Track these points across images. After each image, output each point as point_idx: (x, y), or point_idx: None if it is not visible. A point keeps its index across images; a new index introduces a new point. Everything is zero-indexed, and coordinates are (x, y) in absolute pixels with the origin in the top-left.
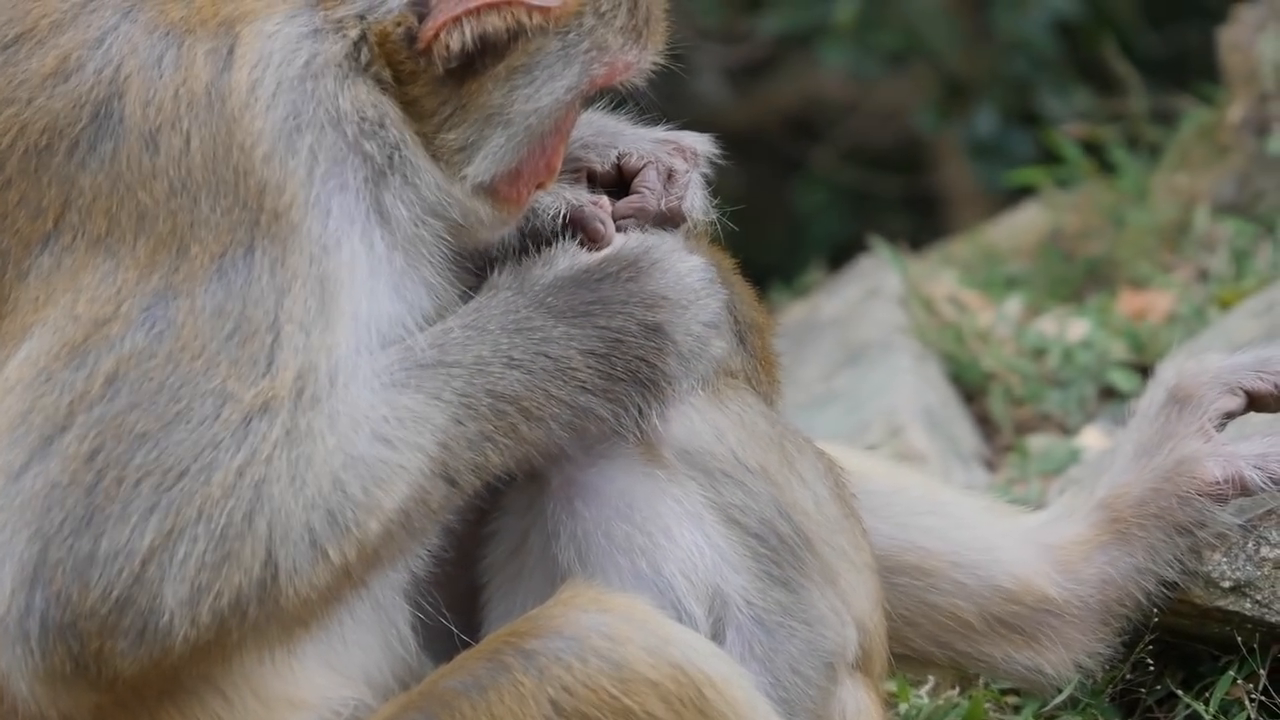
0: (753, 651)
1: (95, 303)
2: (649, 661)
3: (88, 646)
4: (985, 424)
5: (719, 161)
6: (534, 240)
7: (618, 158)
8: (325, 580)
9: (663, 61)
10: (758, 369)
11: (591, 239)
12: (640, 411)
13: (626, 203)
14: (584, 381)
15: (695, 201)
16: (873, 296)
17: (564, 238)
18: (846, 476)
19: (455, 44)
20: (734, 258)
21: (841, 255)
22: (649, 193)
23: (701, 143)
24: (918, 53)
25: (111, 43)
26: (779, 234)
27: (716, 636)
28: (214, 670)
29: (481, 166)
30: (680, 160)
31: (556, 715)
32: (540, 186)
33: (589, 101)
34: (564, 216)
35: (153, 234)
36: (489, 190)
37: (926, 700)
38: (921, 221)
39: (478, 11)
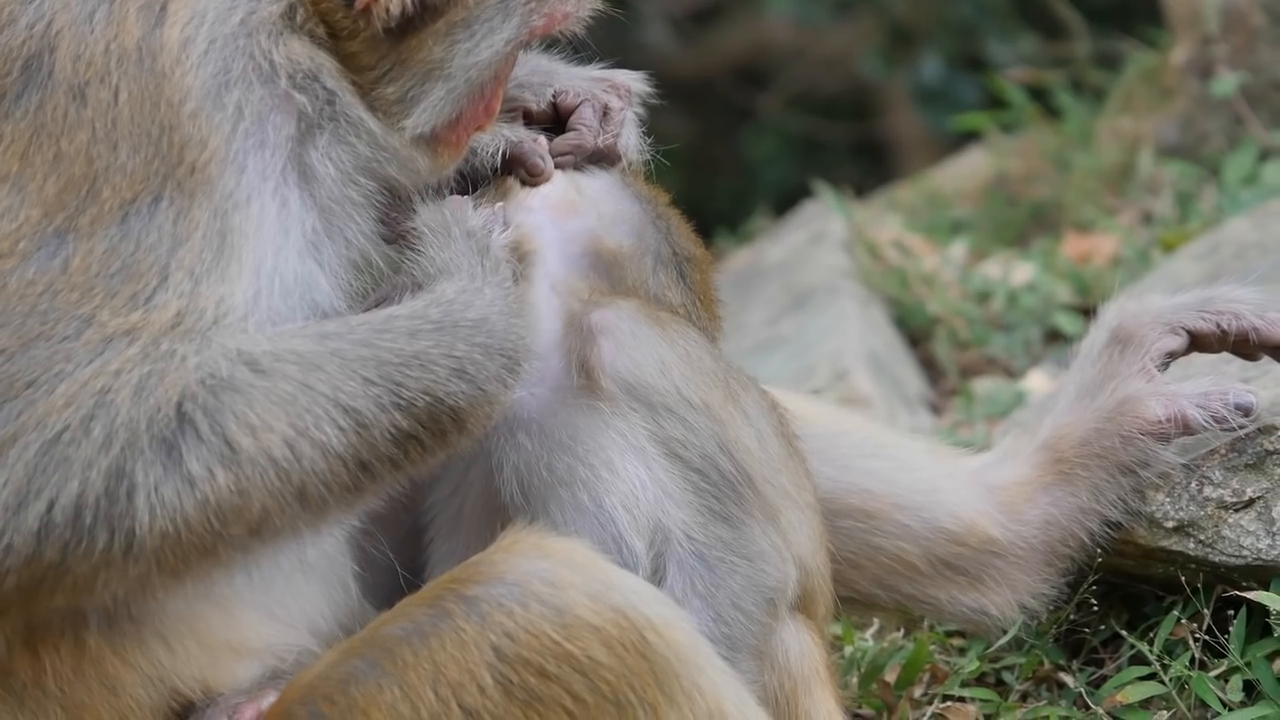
0: (694, 587)
1: None
2: (591, 607)
3: None
4: (930, 368)
5: (662, 104)
6: (472, 178)
7: (554, 95)
8: (192, 511)
9: (605, 9)
10: (697, 304)
11: (531, 175)
12: None
13: (564, 140)
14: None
15: (630, 139)
16: (818, 242)
17: (502, 174)
18: (790, 417)
19: (395, 7)
20: (684, 206)
21: (790, 202)
22: (585, 130)
23: (636, 80)
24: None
25: None
26: (729, 182)
27: (657, 572)
28: (76, 601)
29: (421, 119)
30: (615, 98)
31: (499, 661)
32: (479, 129)
33: (529, 49)
34: (503, 154)
35: (65, 175)
36: (428, 140)
37: (871, 643)
38: (870, 168)
39: None
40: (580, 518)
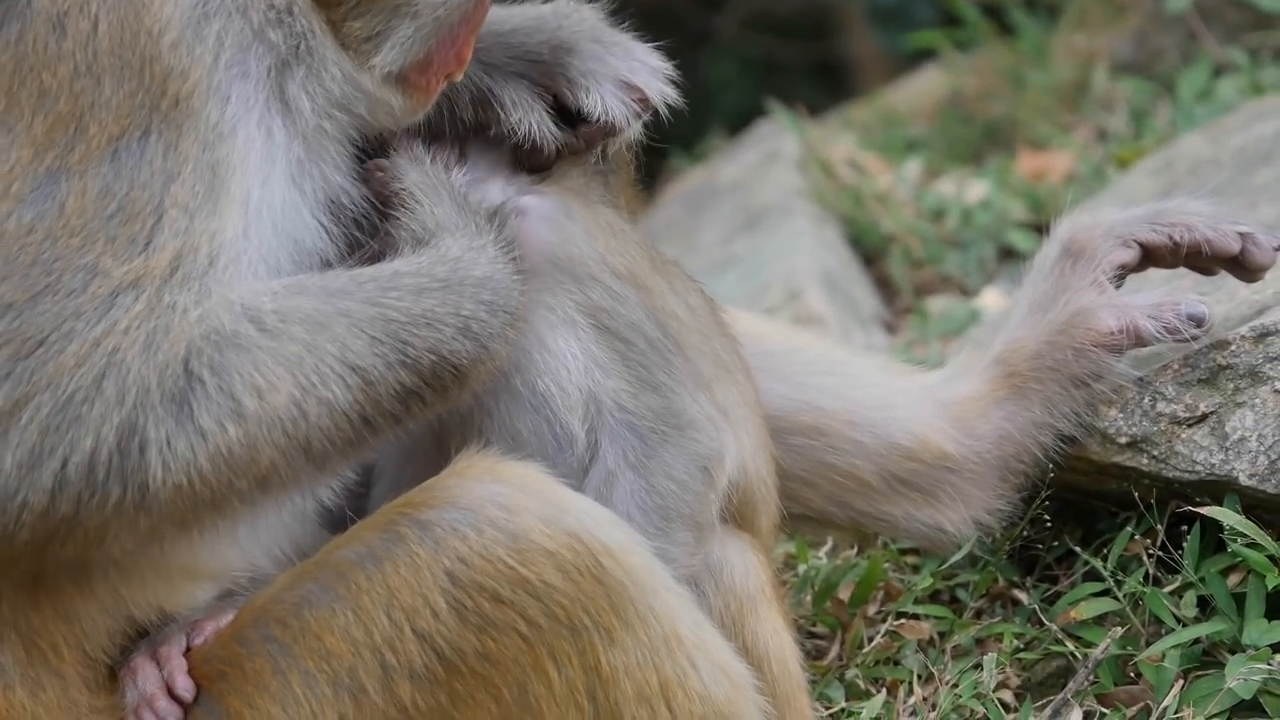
0: (626, 458)
1: None
2: (545, 531)
3: None
4: (885, 286)
5: (622, 30)
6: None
7: (567, 85)
8: (205, 464)
9: None
10: (619, 203)
11: (531, 163)
12: None
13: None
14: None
15: (626, 140)
16: (771, 161)
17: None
18: (728, 318)
19: None
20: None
21: (749, 124)
22: (588, 152)
23: (660, 83)
24: None
25: None
26: (689, 104)
27: (591, 448)
28: (88, 554)
29: (390, 56)
30: (627, 113)
31: (453, 586)
32: (450, 77)
33: None
34: (528, 136)
35: (52, 113)
36: (399, 80)
37: (825, 561)
38: (828, 88)
39: None
40: (517, 406)
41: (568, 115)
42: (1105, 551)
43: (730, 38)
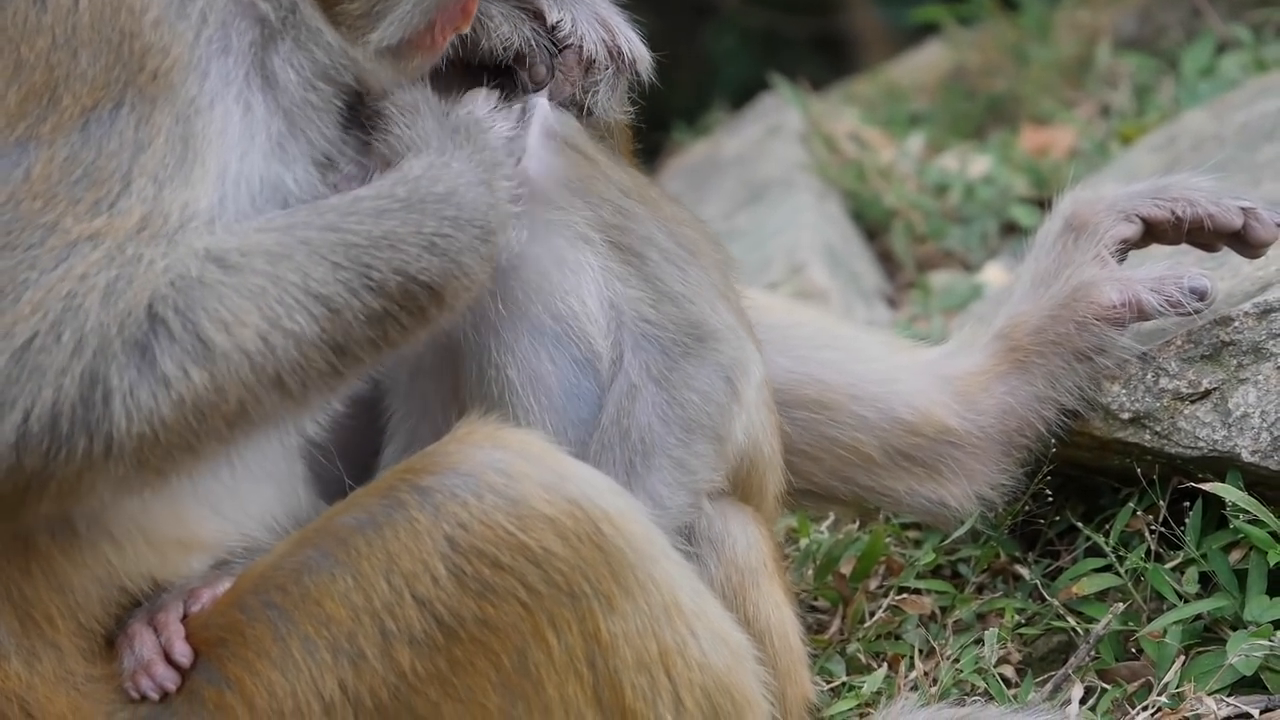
0: (649, 372)
1: None
2: (545, 498)
3: None
4: (887, 261)
5: (625, 3)
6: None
7: (557, 21)
8: (168, 411)
9: None
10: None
11: (534, 79)
12: None
13: (565, 71)
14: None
15: (603, 100)
16: (774, 135)
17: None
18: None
19: None
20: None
21: (751, 98)
22: (564, 75)
23: (639, 51)
24: None
25: None
26: (691, 78)
27: (615, 363)
28: (66, 506)
29: (387, 32)
30: (607, 55)
31: (453, 552)
32: (457, 30)
33: None
34: (516, 51)
35: (26, 84)
36: (395, 49)
37: (827, 535)
38: (831, 63)
39: None
40: (539, 338)
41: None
42: (1107, 527)
43: (732, 10)
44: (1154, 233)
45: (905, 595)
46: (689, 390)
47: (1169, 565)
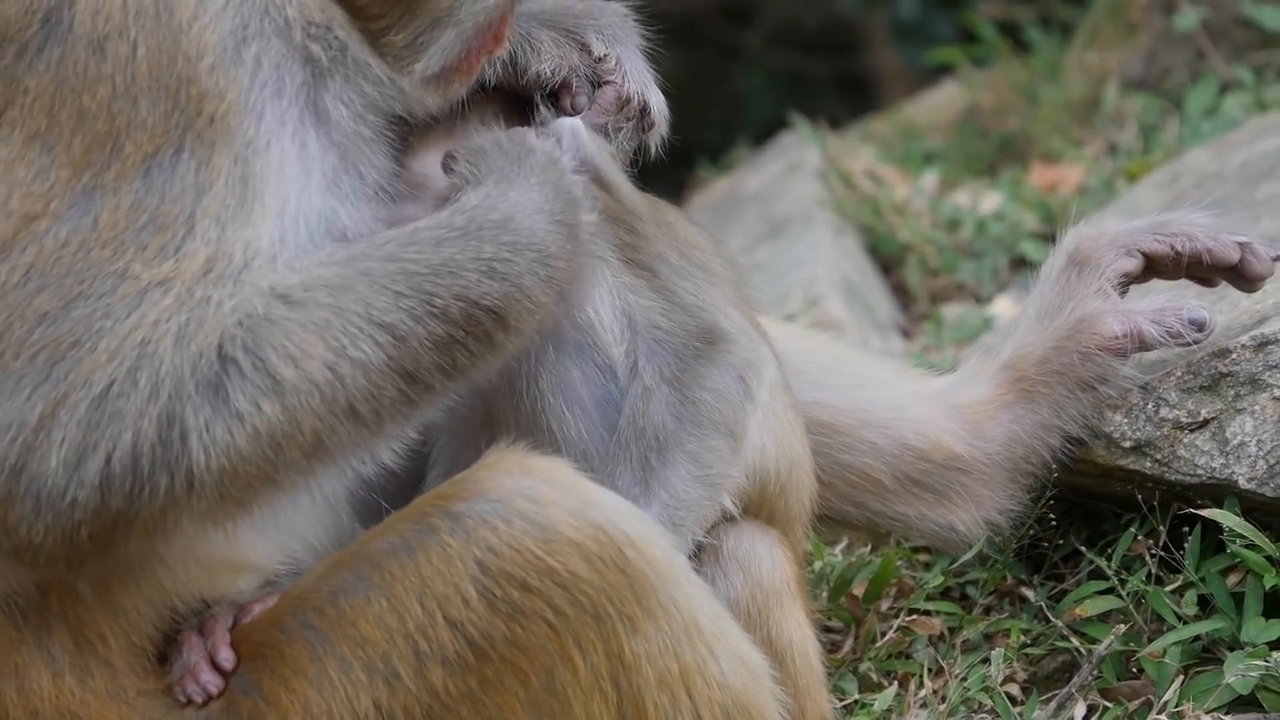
0: (662, 374)
1: (28, 199)
2: (572, 523)
3: None
4: (901, 293)
5: (656, 45)
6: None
7: (599, 58)
8: (244, 445)
9: None
10: None
11: (574, 106)
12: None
13: (602, 103)
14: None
15: (624, 143)
16: (794, 172)
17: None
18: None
19: None
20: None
21: (774, 135)
22: (600, 108)
23: (661, 111)
24: None
25: None
26: (719, 116)
27: (631, 370)
28: (154, 546)
29: (432, 61)
30: (638, 104)
31: (483, 575)
32: (490, 54)
33: None
34: (562, 78)
35: (90, 133)
36: (438, 76)
37: (840, 558)
38: (853, 101)
39: None
40: (564, 350)
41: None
42: (1109, 551)
43: (759, 52)
44: (1154, 267)
45: (915, 616)
46: (701, 390)
47: (1169, 588)
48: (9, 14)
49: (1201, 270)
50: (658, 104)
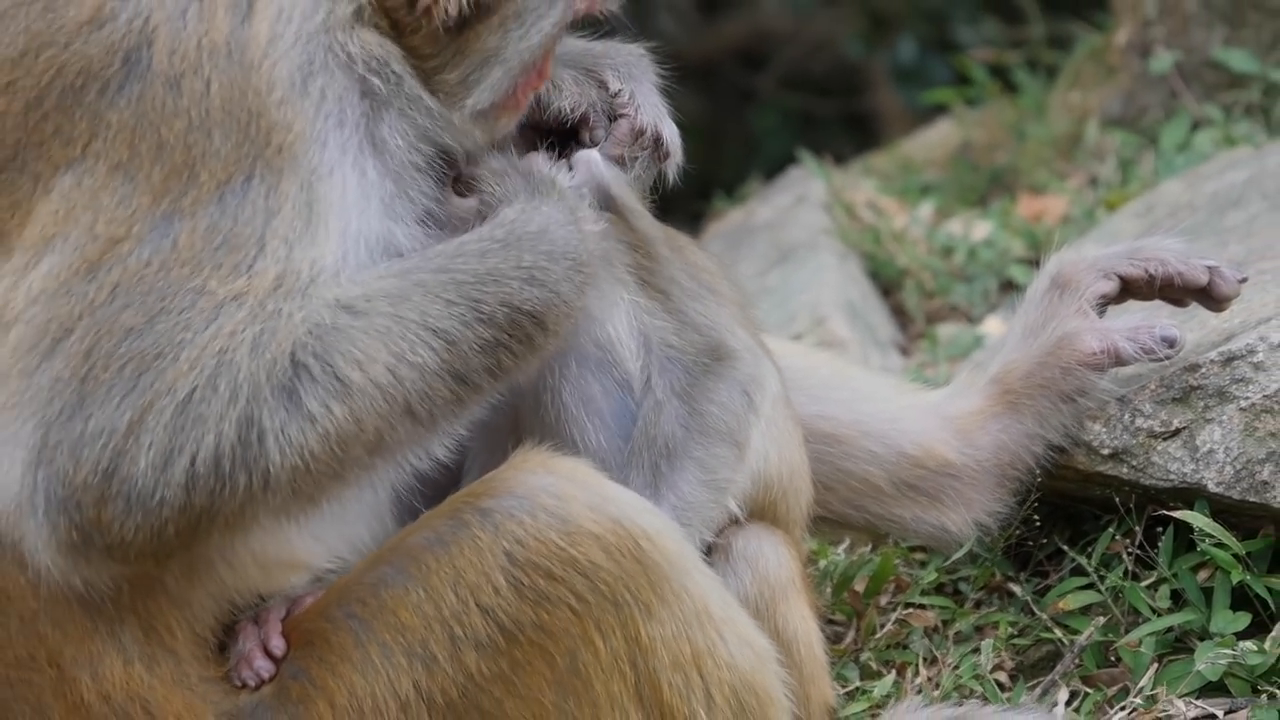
0: (673, 388)
1: (113, 223)
2: (591, 517)
3: (86, 515)
4: (900, 314)
5: (676, 87)
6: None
7: (616, 94)
8: (315, 445)
9: None
10: None
11: (593, 140)
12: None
13: (617, 135)
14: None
15: (639, 174)
16: (801, 203)
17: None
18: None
19: (453, 8)
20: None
21: (786, 169)
22: (617, 142)
23: (674, 141)
24: None
25: None
26: (736, 152)
27: (645, 385)
28: (233, 541)
29: (481, 97)
30: (652, 136)
31: (511, 565)
32: (534, 89)
33: (573, 27)
34: (581, 113)
35: (169, 163)
36: (486, 111)
37: (843, 557)
38: (858, 138)
39: None
40: (585, 365)
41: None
42: (1089, 550)
43: (773, 94)
44: (1130, 289)
45: (912, 610)
46: (709, 402)
47: (1144, 583)
48: (92, 54)
49: (1173, 292)
50: (671, 135)
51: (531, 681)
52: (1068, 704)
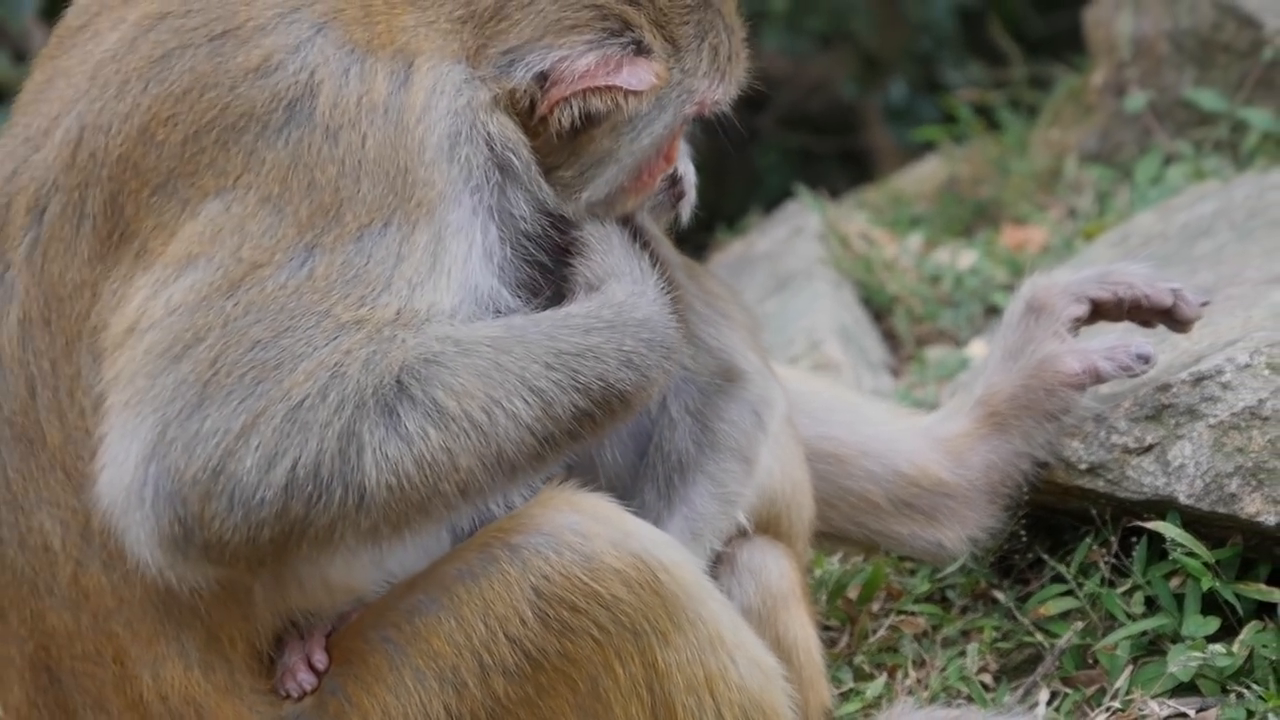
0: (687, 408)
1: (258, 249)
2: (613, 553)
3: (190, 510)
4: (891, 338)
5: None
6: None
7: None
8: (410, 467)
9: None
10: None
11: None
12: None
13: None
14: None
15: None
16: (798, 235)
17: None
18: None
19: (566, 118)
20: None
21: (784, 203)
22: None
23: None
24: (841, 34)
25: (307, 51)
26: (738, 188)
27: (661, 406)
28: (319, 559)
29: (595, 191)
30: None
31: (538, 598)
32: (663, 172)
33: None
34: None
35: (317, 201)
36: (602, 203)
37: (837, 566)
38: (854, 174)
39: (584, 94)
40: None
41: None
42: (1069, 559)
43: (774, 133)
44: (1100, 311)
45: (902, 616)
46: (721, 420)
47: (1120, 590)
48: (255, 99)
49: (1140, 314)
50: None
51: (555, 705)
52: (1048, 704)
